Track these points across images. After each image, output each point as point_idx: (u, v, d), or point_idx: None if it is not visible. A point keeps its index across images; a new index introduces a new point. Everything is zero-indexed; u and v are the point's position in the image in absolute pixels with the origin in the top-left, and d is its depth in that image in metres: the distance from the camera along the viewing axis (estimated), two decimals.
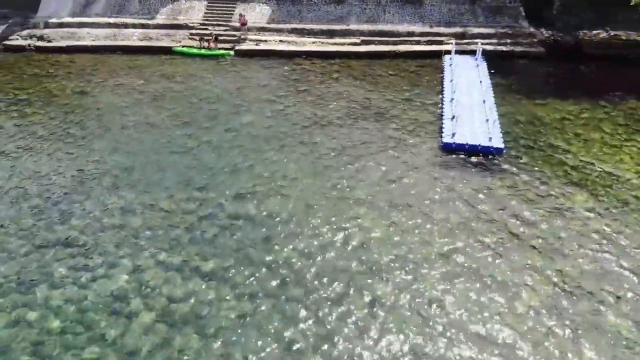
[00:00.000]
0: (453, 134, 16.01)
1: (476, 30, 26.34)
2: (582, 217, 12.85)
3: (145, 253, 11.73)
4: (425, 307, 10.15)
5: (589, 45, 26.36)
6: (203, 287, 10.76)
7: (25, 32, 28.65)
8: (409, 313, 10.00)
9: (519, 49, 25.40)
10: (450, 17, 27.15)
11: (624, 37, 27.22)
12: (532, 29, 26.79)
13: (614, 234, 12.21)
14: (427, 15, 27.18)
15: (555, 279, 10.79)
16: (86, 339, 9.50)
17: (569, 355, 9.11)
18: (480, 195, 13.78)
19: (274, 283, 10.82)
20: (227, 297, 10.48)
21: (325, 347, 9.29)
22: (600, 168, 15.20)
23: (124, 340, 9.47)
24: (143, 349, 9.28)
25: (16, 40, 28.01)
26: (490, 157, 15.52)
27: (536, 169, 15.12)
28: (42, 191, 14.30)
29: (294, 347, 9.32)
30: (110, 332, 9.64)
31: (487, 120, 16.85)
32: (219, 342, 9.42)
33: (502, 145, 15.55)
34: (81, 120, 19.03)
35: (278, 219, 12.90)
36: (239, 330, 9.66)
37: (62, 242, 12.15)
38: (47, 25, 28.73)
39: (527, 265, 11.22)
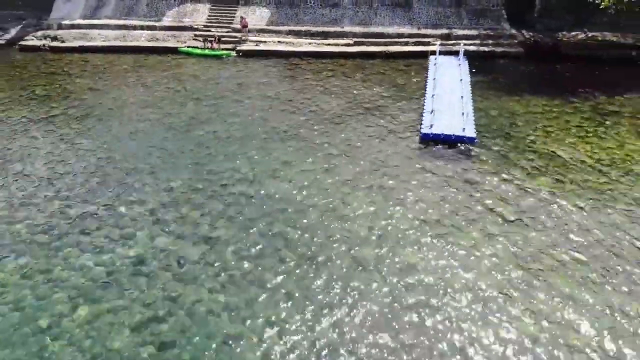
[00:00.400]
0: (431, 126, 17.86)
1: (461, 32, 28.23)
2: (542, 195, 14.67)
3: (160, 224, 13.56)
4: (403, 264, 11.96)
5: (566, 46, 28.28)
6: (210, 249, 12.59)
7: (39, 33, 30.61)
8: (384, 267, 11.82)
9: (499, 49, 27.30)
10: (437, 19, 29.05)
11: (600, 38, 29.14)
12: (513, 31, 28.69)
13: (569, 208, 14.02)
14: (415, 18, 29.08)
15: (515, 243, 12.59)
16: (113, 293, 11.32)
17: (512, 291, 10.91)
18: (452, 176, 15.62)
19: (270, 247, 12.64)
20: (230, 257, 12.31)
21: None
22: (562, 155, 17.06)
23: (144, 295, 11.28)
24: (160, 301, 11.09)
25: (31, 41, 29.96)
26: (463, 145, 17.37)
27: (504, 155, 16.96)
28: (68, 172, 16.14)
29: (284, 290, 11.14)
30: (133, 286, 11.46)
31: (463, 113, 18.69)
32: (225, 292, 11.24)
33: (474, 135, 17.39)
34: (96, 113, 20.88)
35: (275, 196, 14.74)
36: (242, 282, 11.49)
37: (90, 215, 13.99)
38: (60, 27, 30.65)
39: (492, 233, 13.02)
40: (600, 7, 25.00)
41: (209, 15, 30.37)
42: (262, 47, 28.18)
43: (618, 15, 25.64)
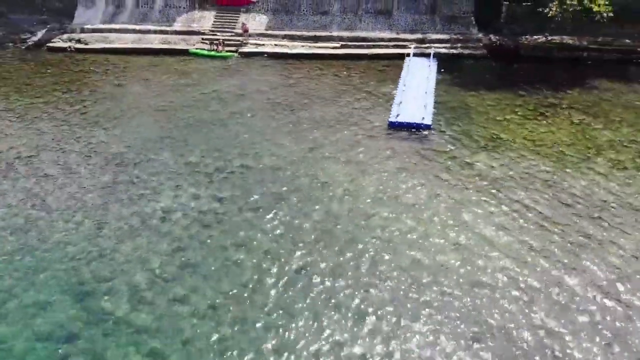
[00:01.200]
0: (397, 115, 21.89)
1: (434, 37, 32.22)
2: (482, 167, 18.67)
3: (176, 191, 17.55)
4: (363, 214, 15.97)
5: (525, 48, 32.27)
6: (215, 210, 16.53)
7: (65, 36, 34.54)
8: (353, 216, 15.81)
9: (466, 51, 31.29)
10: (413, 25, 33.05)
11: (557, 41, 33.06)
12: (480, 35, 32.66)
13: (503, 176, 18.02)
14: (395, 24, 33.08)
15: (457, 202, 16.58)
16: (146, 231, 15.31)
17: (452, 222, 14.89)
18: (414, 157, 19.62)
19: (265, 200, 16.64)
20: (235, 212, 16.31)
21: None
22: (503, 137, 21.08)
23: (169, 234, 15.27)
24: (186, 239, 15.08)
25: (58, 43, 33.88)
26: (422, 131, 21.39)
27: (455, 138, 20.97)
28: (105, 150, 20.15)
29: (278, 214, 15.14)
30: (161, 228, 15.46)
31: (424, 106, 22.70)
32: (232, 234, 15.23)
33: (430, 123, 21.41)
34: (120, 104, 24.87)
35: (269, 168, 18.75)
36: (245, 228, 15.48)
37: (126, 181, 18.01)
38: (83, 31, 34.61)
39: (439, 194, 17.02)
40: (549, 15, 29.00)
41: (214, 21, 34.34)
42: (261, 49, 32.17)
43: (564, 22, 29.60)
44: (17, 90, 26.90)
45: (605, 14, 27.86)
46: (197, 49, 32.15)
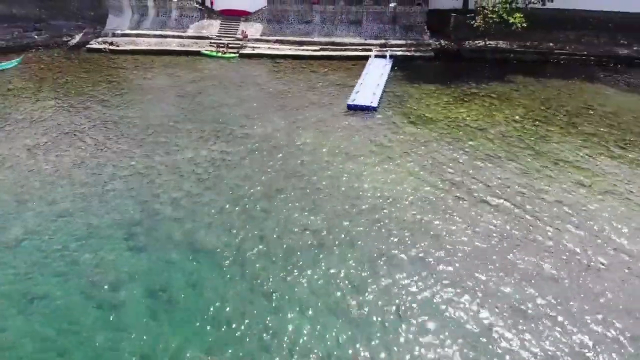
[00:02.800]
0: (353, 100, 29.83)
1: (393, 42, 40.12)
2: (407, 134, 26.57)
3: (198, 149, 25.42)
4: (337, 175, 23.85)
5: (465, 51, 40.20)
6: (224, 158, 24.39)
7: (100, 39, 42.34)
8: (322, 170, 23.68)
9: (418, 54, 39.22)
10: (378, 33, 40.95)
11: (493, 45, 40.98)
12: (430, 40, 40.59)
13: (426, 141, 25.91)
14: (363, 32, 40.99)
15: (386, 154, 24.45)
16: (178, 169, 23.16)
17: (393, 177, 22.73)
18: (362, 127, 27.54)
19: (257, 156, 24.48)
20: (236, 160, 24.19)
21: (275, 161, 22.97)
22: (428, 116, 29.01)
23: (194, 171, 23.11)
24: (204, 174, 22.91)
25: (95, 45, 41.67)
26: (371, 112, 29.31)
27: (393, 116, 28.91)
28: (142, 123, 28.01)
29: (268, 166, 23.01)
30: (187, 168, 23.32)
31: (374, 93, 30.64)
32: (235, 172, 23.06)
33: (376, 106, 29.34)
34: (148, 92, 32.73)
35: (259, 137, 26.64)
36: (244, 169, 23.32)
37: (161, 141, 25.89)
38: (114, 35, 42.41)
39: (375, 151, 24.89)
40: (475, 25, 36.97)
41: (219, 28, 42.17)
42: (257, 51, 39.99)
43: (486, 31, 37.54)
44: (69, 81, 34.79)
45: (519, 25, 35.72)
46: (207, 50, 40.00)
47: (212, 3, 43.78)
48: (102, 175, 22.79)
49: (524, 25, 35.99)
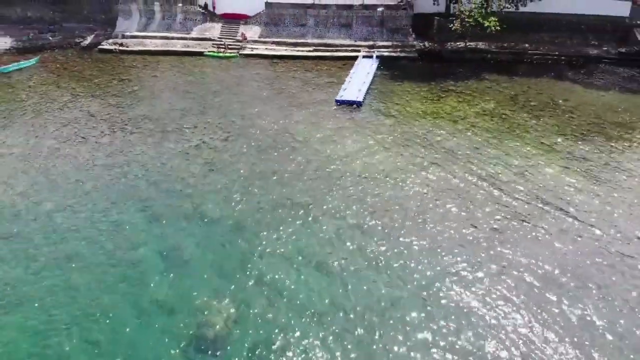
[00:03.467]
0: (341, 96, 33.12)
1: (381, 43, 43.38)
2: (386, 125, 29.83)
3: (203, 137, 28.66)
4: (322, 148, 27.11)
5: (447, 52, 43.46)
6: (226, 145, 27.64)
7: (110, 40, 45.55)
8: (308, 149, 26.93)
9: (403, 54, 42.48)
10: (367, 35, 44.21)
11: (473, 46, 44.27)
12: (414, 42, 43.85)
13: (403, 131, 29.15)
14: (353, 34, 44.25)
15: (367, 142, 27.69)
16: (185, 153, 26.40)
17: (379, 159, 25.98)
18: (347, 119, 30.82)
19: (255, 142, 27.72)
20: (237, 146, 27.43)
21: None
22: (408, 110, 32.27)
23: (199, 155, 26.36)
24: (209, 157, 26.16)
25: (106, 45, 44.89)
26: (356, 105, 32.58)
27: (377, 110, 32.16)
28: (152, 115, 31.26)
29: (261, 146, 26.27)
30: (193, 152, 26.58)
31: (359, 90, 33.93)
32: (235, 156, 26.32)
33: (361, 100, 32.61)
34: (156, 88, 35.99)
35: (258, 127, 29.89)
36: (243, 152, 26.55)
37: (169, 130, 29.15)
38: (123, 37, 45.63)
39: (358, 139, 28.12)
40: (453, 29, 40.28)
41: (221, 31, 45.40)
42: (255, 52, 43.23)
43: (464, 33, 40.84)
44: (84, 78, 38.07)
45: (494, 28, 39.01)
46: (209, 51, 43.24)
47: (214, 7, 47.03)
48: (119, 159, 26.05)
49: (498, 28, 39.27)
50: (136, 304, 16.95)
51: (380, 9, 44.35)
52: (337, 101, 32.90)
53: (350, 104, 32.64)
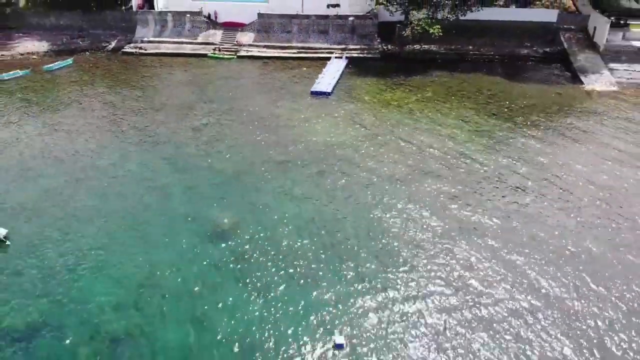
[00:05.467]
0: (315, 87, 42.18)
1: (352, 47, 52.35)
2: (349, 110, 38.84)
3: (210, 117, 37.63)
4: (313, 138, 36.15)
5: (405, 53, 52.42)
6: (225, 123, 36.61)
7: (131, 45, 54.43)
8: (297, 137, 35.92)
9: (368, 55, 51.47)
10: (340, 40, 53.21)
11: (426, 49, 53.24)
12: (379, 46, 52.86)
13: (357, 112, 38.18)
14: (329, 39, 53.26)
15: (332, 122, 36.69)
16: (190, 132, 35.37)
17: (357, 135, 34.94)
18: (319, 104, 39.84)
19: (249, 123, 36.72)
20: (235, 125, 36.42)
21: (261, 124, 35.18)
22: (366, 98, 41.33)
23: (202, 133, 35.32)
24: (211, 134, 35.13)
25: (128, 49, 53.78)
26: (327, 96, 41.62)
27: (343, 99, 41.18)
28: (169, 103, 40.24)
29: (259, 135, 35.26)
30: (197, 130, 35.55)
31: (329, 83, 42.98)
32: (233, 133, 35.27)
33: (331, 91, 41.63)
34: (170, 82, 44.96)
35: (251, 110, 38.89)
36: (239, 131, 35.52)
37: (180, 114, 38.15)
38: (142, 42, 54.54)
39: (326, 121, 37.16)
40: (405, 35, 49.36)
41: (221, 37, 54.36)
42: (250, 54, 52.21)
43: (414, 38, 49.91)
44: (113, 74, 47.04)
45: (437, 34, 48.09)
46: (212, 53, 52.21)
47: (216, 17, 55.97)
48: (147, 132, 35.06)
49: (441, 34, 48.37)
50: (166, 214, 26.13)
51: (351, 19, 53.37)
52: (311, 92, 41.93)
53: (322, 94, 41.66)
